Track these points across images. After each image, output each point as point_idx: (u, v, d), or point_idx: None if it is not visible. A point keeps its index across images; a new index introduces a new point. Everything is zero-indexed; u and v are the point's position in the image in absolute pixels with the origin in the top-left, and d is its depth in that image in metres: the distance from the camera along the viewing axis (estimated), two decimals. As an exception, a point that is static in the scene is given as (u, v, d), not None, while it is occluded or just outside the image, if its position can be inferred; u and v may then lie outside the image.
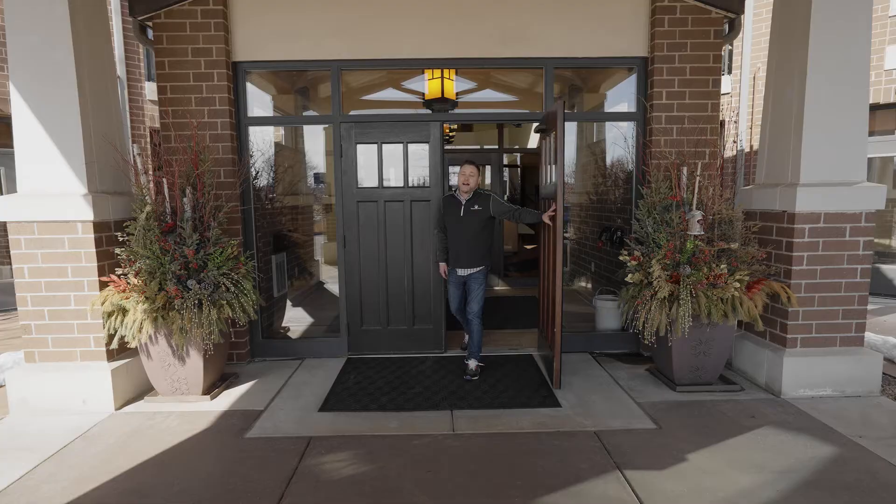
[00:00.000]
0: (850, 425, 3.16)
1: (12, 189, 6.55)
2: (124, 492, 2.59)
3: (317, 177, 7.76)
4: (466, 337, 4.43)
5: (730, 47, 8.21)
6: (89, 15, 3.55)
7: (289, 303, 5.77)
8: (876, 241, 6.97)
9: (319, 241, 7.61)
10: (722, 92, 8.28)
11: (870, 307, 6.29)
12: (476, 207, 3.99)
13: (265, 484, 2.62)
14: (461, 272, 4.10)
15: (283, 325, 5.45)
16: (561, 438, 3.07)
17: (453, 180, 8.53)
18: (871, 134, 6.86)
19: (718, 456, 2.84)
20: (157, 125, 7.03)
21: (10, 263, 6.93)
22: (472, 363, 4.07)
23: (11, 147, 3.51)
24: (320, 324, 5.62)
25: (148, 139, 7.74)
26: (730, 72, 8.17)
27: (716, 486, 2.55)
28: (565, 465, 2.76)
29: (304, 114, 6.50)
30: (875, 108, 6.70)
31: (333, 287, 6.11)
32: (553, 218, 3.79)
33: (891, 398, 3.60)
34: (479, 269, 4.07)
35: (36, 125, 3.40)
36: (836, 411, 3.36)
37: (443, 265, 4.24)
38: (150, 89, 7.87)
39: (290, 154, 6.64)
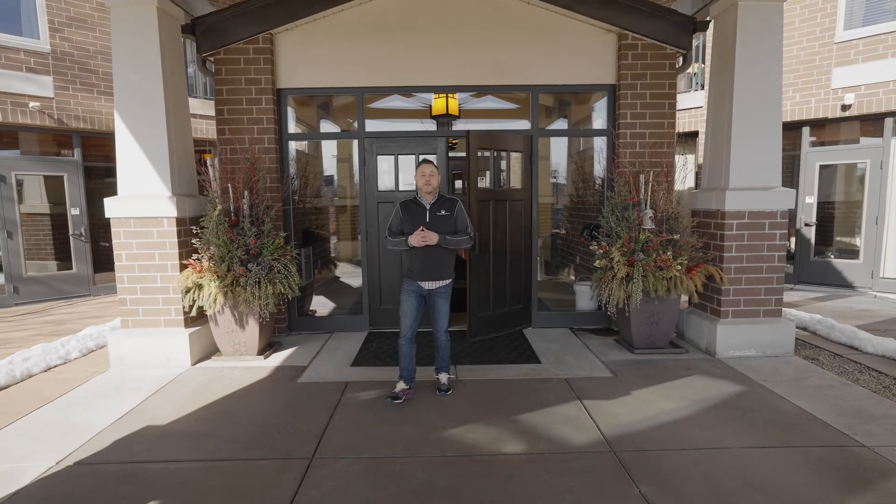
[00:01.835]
0: (760, 375, 4.11)
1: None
2: (216, 413, 3.56)
3: (331, 180, 8.73)
4: (399, 383, 3.72)
5: (703, 65, 9.17)
6: (173, 59, 4.54)
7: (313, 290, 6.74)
8: (837, 238, 7.93)
9: (333, 239, 8.58)
10: (695, 106, 9.24)
11: (818, 294, 7.28)
12: (443, 213, 3.62)
13: (319, 408, 3.59)
14: (426, 286, 3.64)
15: (311, 308, 6.41)
16: (538, 383, 4.03)
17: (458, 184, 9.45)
18: (822, 144, 7.82)
19: (655, 392, 3.79)
20: (203, 136, 8.05)
21: (55, 259, 7.91)
22: (444, 376, 3.80)
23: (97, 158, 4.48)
24: (341, 307, 6.58)
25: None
26: (703, 87, 9.11)
27: (647, 408, 3.50)
28: (539, 398, 3.72)
29: (321, 122, 7.46)
30: (824, 122, 7.64)
31: (347, 280, 7.09)
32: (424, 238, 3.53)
33: (801, 358, 4.54)
34: (446, 281, 3.67)
35: (133, 143, 4.39)
36: (755, 366, 4.31)
37: (413, 238, 3.54)
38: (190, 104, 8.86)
39: (313, 161, 7.62)
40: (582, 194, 7.17)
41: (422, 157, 4.55)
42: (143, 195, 4.43)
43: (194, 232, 4.54)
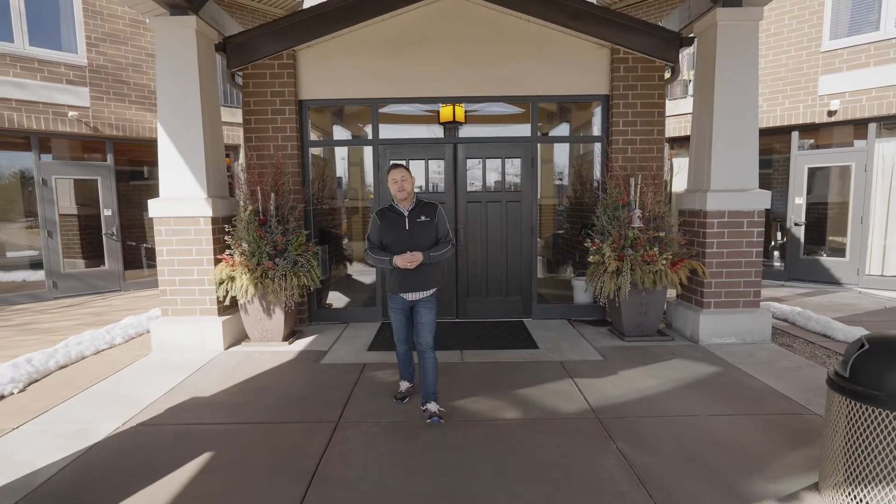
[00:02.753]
0: (737, 358, 4.55)
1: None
2: (251, 388, 4.07)
3: (341, 182, 9.21)
4: (402, 383, 3.82)
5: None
6: (208, 75, 5.07)
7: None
8: (825, 237, 8.32)
9: (346, 239, 9.06)
10: (691, 111, 9.64)
11: (806, 290, 7.68)
12: (423, 219, 3.45)
13: (341, 384, 4.09)
14: (410, 297, 3.44)
15: (327, 301, 6.91)
16: (535, 365, 4.50)
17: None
18: (816, 147, 8.21)
19: (639, 372, 4.25)
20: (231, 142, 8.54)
21: (83, 258, 8.44)
22: (433, 405, 3.41)
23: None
24: (356, 301, 7.06)
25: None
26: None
27: (631, 385, 3.96)
28: (536, 376, 4.19)
29: (334, 127, 7.92)
30: (812, 126, 8.05)
31: (360, 277, 7.58)
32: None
33: (777, 344, 4.97)
34: (430, 291, 3.44)
35: (174, 150, 4.92)
36: (733, 351, 4.75)
37: (398, 258, 3.37)
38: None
39: (327, 165, 8.12)
40: (580, 196, 7.62)
41: (391, 162, 4.57)
42: (182, 197, 4.95)
43: (226, 230, 5.05)
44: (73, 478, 2.79)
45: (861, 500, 2.28)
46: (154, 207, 4.94)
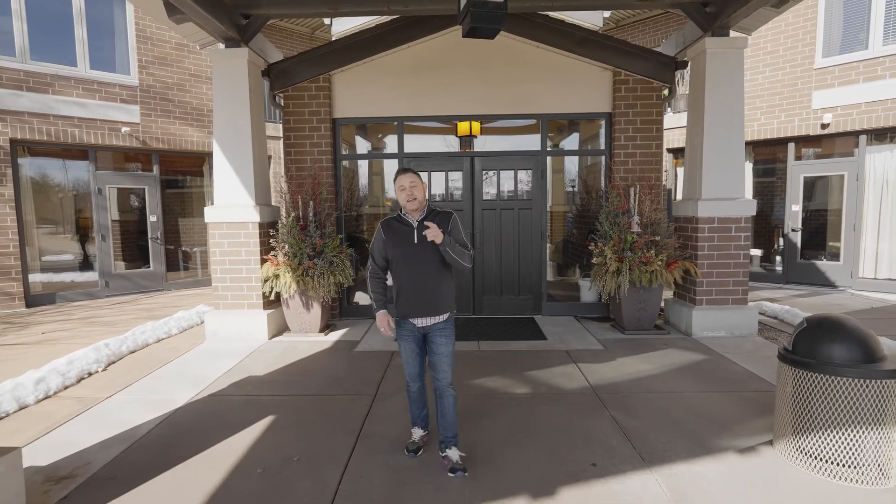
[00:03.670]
0: (724, 348, 5.10)
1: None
2: (297, 370, 4.72)
3: (364, 190, 9.89)
4: (415, 431, 3.20)
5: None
6: (256, 97, 5.79)
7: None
8: (821, 242, 8.80)
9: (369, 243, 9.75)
10: (682, 125, 10.14)
11: (801, 292, 8.16)
12: None
13: (375, 367, 4.72)
14: (420, 323, 2.93)
15: (355, 300, 7.57)
16: (543, 353, 5.09)
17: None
18: (806, 158, 8.71)
19: (635, 359, 4.83)
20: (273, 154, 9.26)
21: (123, 260, 9.16)
22: (454, 453, 2.94)
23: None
24: (380, 300, 7.73)
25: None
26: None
27: (626, 369, 4.55)
28: (544, 361, 4.79)
29: (357, 139, 8.59)
30: (806, 139, 8.56)
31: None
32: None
33: (763, 337, 5.50)
34: (445, 316, 2.95)
35: (227, 164, 5.63)
36: (722, 343, 5.29)
37: (382, 315, 2.97)
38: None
39: (354, 175, 8.82)
40: (587, 204, 8.21)
41: (399, 167, 4.32)
42: (233, 204, 5.66)
43: (270, 234, 5.74)
44: (166, 432, 3.46)
45: (803, 447, 2.85)
46: (209, 213, 5.65)
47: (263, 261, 5.70)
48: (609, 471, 2.89)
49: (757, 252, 9.51)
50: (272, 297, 5.73)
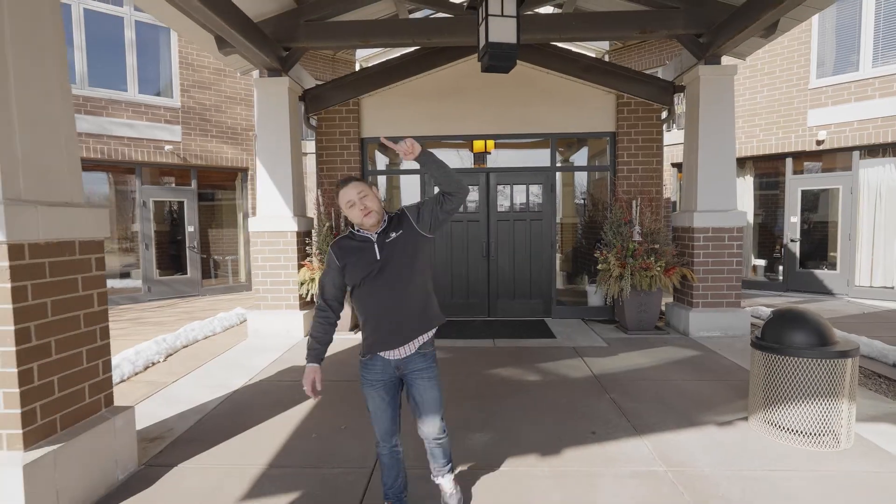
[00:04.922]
0: (717, 346, 5.61)
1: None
2: (333, 362, 5.32)
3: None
4: None
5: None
6: (295, 120, 6.48)
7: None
8: (819, 252, 9.25)
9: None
10: (680, 142, 10.67)
11: (799, 299, 8.61)
12: (396, 234, 2.35)
13: (401, 359, 5.31)
14: (392, 356, 2.39)
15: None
16: (552, 349, 5.65)
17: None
18: (803, 172, 9.21)
19: (635, 354, 5.36)
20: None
21: (158, 267, 9.82)
22: (449, 483, 2.58)
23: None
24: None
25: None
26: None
27: (627, 362, 5.08)
28: (553, 355, 5.35)
29: (376, 153, 9.30)
30: (803, 154, 9.06)
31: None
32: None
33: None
34: (426, 337, 2.42)
35: (269, 180, 6.31)
36: (716, 341, 5.80)
37: (311, 370, 2.51)
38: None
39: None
40: (594, 216, 8.79)
41: (340, 177, 4.15)
42: (274, 215, 6.32)
43: (306, 242, 6.39)
44: (229, 407, 4.07)
45: (771, 419, 3.38)
46: (253, 223, 6.32)
47: (300, 266, 6.35)
48: (606, 438, 3.44)
49: (761, 262, 9.98)
50: (308, 299, 6.36)
